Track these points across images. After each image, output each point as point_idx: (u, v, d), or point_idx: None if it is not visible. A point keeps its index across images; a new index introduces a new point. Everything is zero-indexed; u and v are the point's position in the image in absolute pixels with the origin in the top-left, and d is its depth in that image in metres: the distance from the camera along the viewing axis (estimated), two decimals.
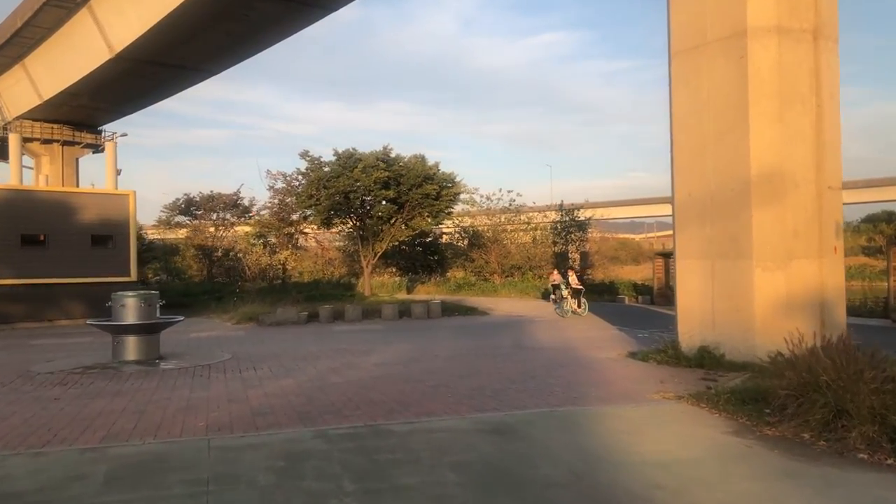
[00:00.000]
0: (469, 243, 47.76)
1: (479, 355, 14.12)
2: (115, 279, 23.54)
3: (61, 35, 34.44)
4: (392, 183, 33.32)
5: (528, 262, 44.69)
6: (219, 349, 15.74)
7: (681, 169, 12.89)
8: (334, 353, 14.67)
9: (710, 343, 12.29)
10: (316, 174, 33.66)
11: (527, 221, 47.47)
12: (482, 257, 45.01)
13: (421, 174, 33.31)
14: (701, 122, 12.42)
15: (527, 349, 15.21)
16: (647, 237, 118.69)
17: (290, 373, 12.10)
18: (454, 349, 15.15)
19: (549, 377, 11.23)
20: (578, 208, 45.23)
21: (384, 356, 14.11)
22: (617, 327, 20.02)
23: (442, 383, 10.72)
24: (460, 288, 41.69)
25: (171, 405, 9.34)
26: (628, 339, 17.07)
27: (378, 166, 32.72)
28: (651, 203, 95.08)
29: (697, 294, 12.61)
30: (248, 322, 22.42)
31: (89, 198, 24.36)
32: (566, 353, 14.40)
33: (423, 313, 23.41)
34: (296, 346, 16.22)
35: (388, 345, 16.21)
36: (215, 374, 12.13)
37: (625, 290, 35.28)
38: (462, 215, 47.78)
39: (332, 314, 22.59)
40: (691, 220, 12.70)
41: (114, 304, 13.48)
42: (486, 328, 20.34)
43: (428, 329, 20.23)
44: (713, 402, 8.64)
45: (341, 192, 32.61)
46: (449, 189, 34.35)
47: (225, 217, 45.82)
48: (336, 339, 17.62)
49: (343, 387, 10.54)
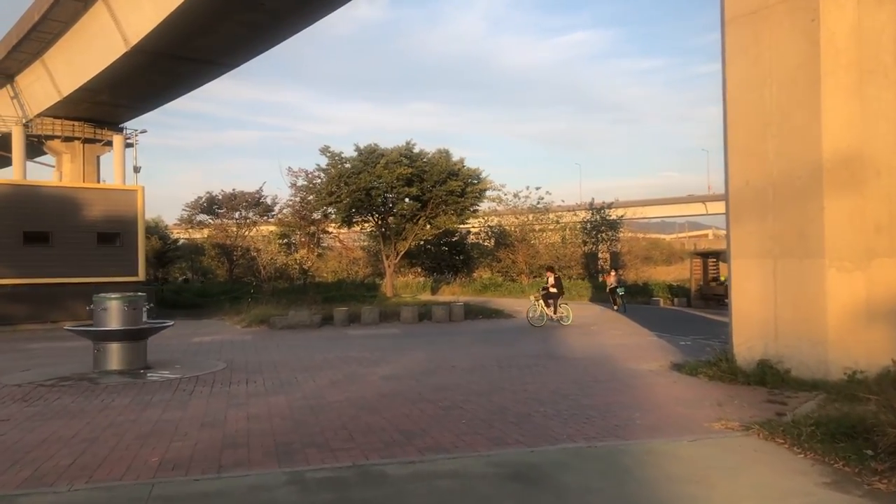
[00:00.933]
0: (496, 243, 45.92)
1: (502, 366, 12.36)
2: (122, 279, 22.20)
3: (78, 29, 33.33)
4: (415, 179, 31.63)
5: (557, 262, 42.71)
6: (216, 357, 14.18)
7: (736, 153, 11.01)
8: (341, 363, 13.01)
9: (771, 356, 10.40)
10: (336, 170, 32.10)
11: (556, 220, 45.48)
12: (509, 257, 43.17)
13: (445, 170, 31.58)
14: (762, 98, 10.54)
15: (557, 359, 13.42)
16: (678, 237, 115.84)
17: (284, 387, 10.46)
18: (475, 359, 13.41)
19: (584, 396, 9.45)
20: (609, 206, 43.15)
21: (395, 367, 12.41)
22: (655, 333, 18.12)
23: (457, 403, 8.99)
24: (486, 289, 39.92)
25: (131, 431, 7.74)
26: (669, 348, 15.19)
27: (401, 162, 31.07)
28: (682, 202, 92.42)
29: (756, 299, 10.72)
30: (260, 325, 20.89)
31: (96, 193, 23.06)
32: (601, 365, 12.58)
33: (445, 316, 21.70)
34: (301, 354, 14.60)
35: (402, 353, 14.51)
36: (200, 388, 10.53)
37: (659, 291, 33.24)
38: (489, 214, 45.97)
39: (347, 317, 20.99)
40: (749, 212, 10.81)
41: (95, 308, 11.98)
42: (511, 333, 18.57)
43: (448, 334, 18.52)
44: (793, 437, 6.80)
45: (363, 189, 31.00)
46: (474, 186, 32.57)
47: (247, 216, 44.64)
48: (347, 346, 15.97)
49: (340, 407, 8.86)
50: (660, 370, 12.03)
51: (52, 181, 29.64)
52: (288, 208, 39.91)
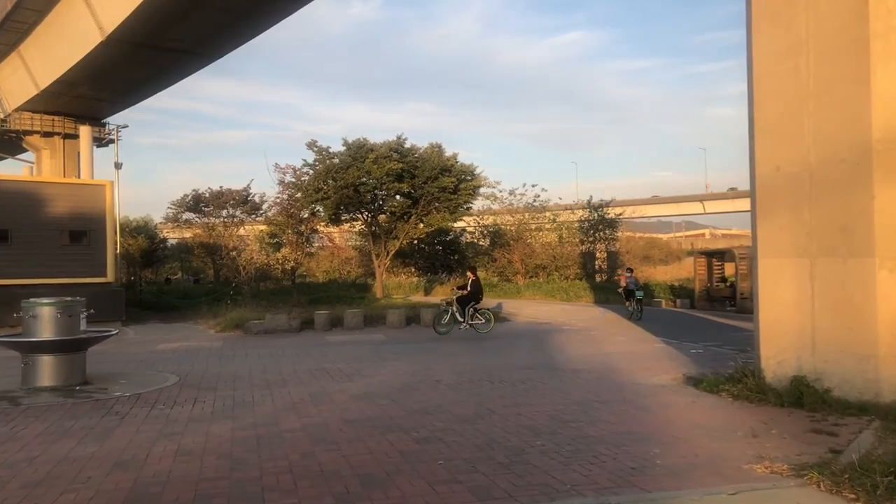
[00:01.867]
0: (491, 242, 44.28)
1: (493, 381, 10.71)
2: (89, 280, 20.50)
3: (53, 18, 31.63)
4: (406, 175, 29.98)
5: (554, 261, 41.11)
6: (174, 368, 12.51)
7: (765, 135, 9.37)
8: (310, 377, 11.35)
9: (808, 372, 8.77)
10: (324, 166, 30.47)
11: (552, 219, 43.83)
12: (505, 257, 41.53)
13: (437, 166, 29.93)
14: (796, 69, 8.90)
15: (555, 371, 11.77)
16: (675, 237, 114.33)
17: (235, 410, 8.80)
18: (463, 371, 11.76)
19: (588, 423, 7.80)
20: (608, 204, 41.44)
21: (371, 382, 10.76)
22: (661, 339, 16.50)
23: (435, 433, 7.35)
24: None
25: (21, 475, 6.08)
26: (679, 357, 13.57)
27: (391, 157, 29.43)
28: (680, 202, 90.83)
29: (789, 304, 9.08)
30: (234, 330, 19.22)
31: (61, 188, 21.33)
32: (606, 379, 10.95)
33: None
34: (269, 365, 12.93)
35: (382, 364, 12.85)
36: (137, 409, 8.87)
37: (661, 292, 31.65)
38: (484, 213, 44.32)
39: (329, 321, 19.32)
40: (781, 203, 9.18)
41: (23, 315, 10.31)
42: (505, 339, 16.93)
43: (436, 340, 16.87)
44: (868, 491, 5.15)
45: (350, 185, 29.37)
46: (468, 182, 30.93)
47: (235, 214, 42.97)
48: (322, 355, 14.30)
49: (294, 440, 7.21)
50: (673, 385, 10.40)
51: (11, 175, 27.86)
52: (276, 206, 38.30)
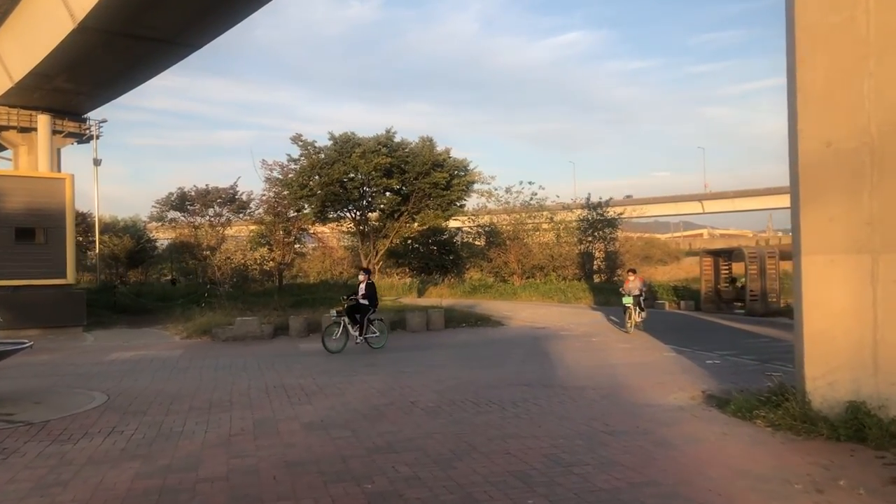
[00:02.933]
0: (487, 241, 42.43)
1: (480, 402, 8.89)
2: (46, 281, 18.71)
3: (25, 7, 29.80)
4: (395, 171, 28.17)
5: (552, 262, 39.32)
6: (109, 385, 10.66)
7: (811, 102, 7.53)
8: (263, 397, 9.52)
9: (868, 397, 6.98)
10: (309, 161, 28.65)
11: (550, 217, 42.00)
12: (500, 257, 39.71)
13: (428, 161, 28.11)
14: (852, 20, 7.09)
15: (553, 389, 9.95)
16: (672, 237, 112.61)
17: (153, 445, 6.97)
18: (445, 388, 9.93)
19: (598, 468, 5.98)
20: (607, 203, 39.53)
21: (333, 404, 8.93)
22: (671, 347, 14.68)
23: (396, 486, 5.52)
24: (475, 290, 36.45)
25: None
26: (695, 369, 11.76)
27: (379, 151, 27.61)
28: (679, 201, 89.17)
29: (844, 313, 7.27)
30: (201, 336, 17.39)
31: (14, 182, 19.48)
32: (614, 399, 9.14)
33: (422, 324, 18.22)
34: (222, 380, 11.10)
35: (353, 378, 11.02)
36: (32, 445, 7.04)
37: (664, 293, 29.80)
38: (479, 212, 42.50)
39: (305, 326, 17.49)
40: (832, 187, 7.35)
41: None
42: (497, 348, 15.10)
43: (420, 349, 15.04)
44: None
45: (337, 181, 27.55)
46: (461, 177, 29.10)
47: (222, 213, 41.10)
48: (288, 367, 12.46)
49: (207, 495, 5.39)
50: (694, 407, 8.60)
51: None
52: (264, 205, 36.43)
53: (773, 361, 12.41)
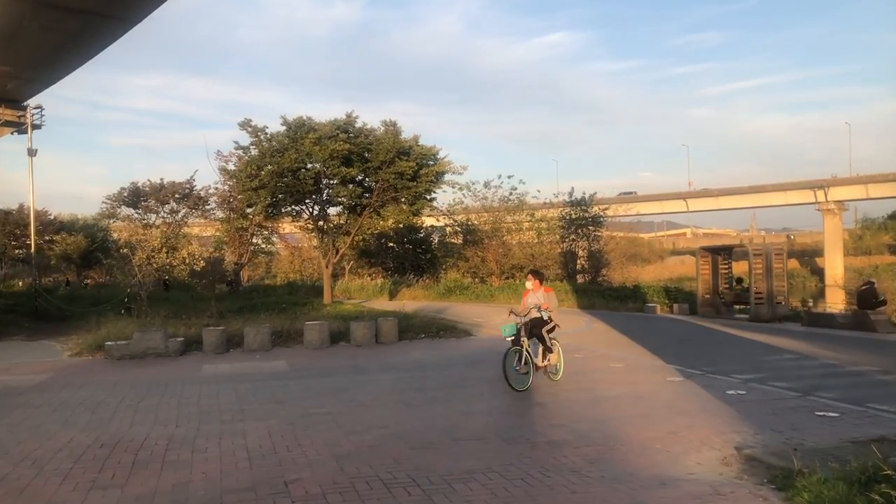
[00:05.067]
0: (464, 240, 38.97)
1: (397, 478, 5.47)
2: None
3: None
4: (356, 159, 24.69)
5: (532, 261, 35.89)
6: None
7: None
8: (55, 474, 6.00)
9: None
10: (259, 149, 25.14)
11: (531, 214, 38.57)
12: (478, 255, 36.28)
13: (393, 148, 24.64)
14: None
15: (517, 448, 6.52)
16: (656, 236, 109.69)
17: None
18: (354, 452, 6.46)
19: None
20: (592, 198, 36.00)
21: (159, 486, 5.44)
22: (675, 367, 11.31)
23: None
24: (450, 292, 33.01)
25: None
26: (714, 404, 8.43)
27: (337, 137, 24.12)
28: (663, 199, 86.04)
29: None
30: (94, 352, 13.78)
31: None
32: (608, 467, 5.75)
33: (369, 337, 14.70)
34: (47, 428, 7.57)
35: (231, 426, 7.51)
36: None
37: (654, 295, 26.51)
38: (455, 208, 39.00)
39: (223, 340, 13.92)
40: None
41: None
42: (455, 371, 11.63)
43: (356, 371, 11.54)
44: None
45: (288, 171, 24.04)
46: (430, 167, 25.66)
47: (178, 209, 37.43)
48: (159, 405, 8.88)
49: None
50: (735, 485, 5.26)
51: None
52: (217, 199, 32.86)
53: (818, 392, 9.06)
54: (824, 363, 11.63)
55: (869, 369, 10.95)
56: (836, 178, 72.60)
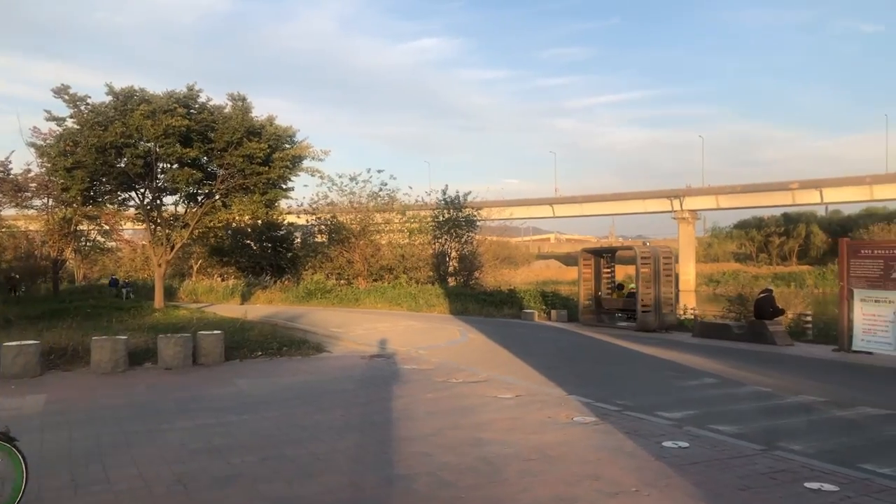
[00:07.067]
0: (329, 238, 35.31)
1: None
2: None
3: None
4: (197, 138, 20.60)
5: (402, 262, 32.93)
6: None
7: None
8: None
9: None
10: (79, 120, 20.45)
11: (402, 213, 35.52)
12: (344, 255, 32.79)
13: (241, 127, 20.75)
14: None
15: None
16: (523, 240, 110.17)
17: None
18: None
19: None
20: (464, 202, 33.12)
21: None
22: (580, 400, 8.50)
23: None
24: (311, 295, 29.36)
25: None
26: (650, 462, 5.72)
27: (174, 111, 19.94)
28: (530, 205, 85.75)
29: None
30: None
31: None
32: None
33: (182, 357, 10.95)
34: None
35: None
36: None
37: (531, 300, 24.20)
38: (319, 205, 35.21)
39: None
40: None
41: None
42: (287, 412, 8.19)
43: (138, 416, 7.83)
44: None
45: (112, 147, 19.60)
46: (285, 150, 21.95)
47: None
48: None
49: None
50: None
51: None
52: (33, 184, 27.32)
53: (781, 442, 6.54)
54: (758, 392, 9.27)
55: (814, 400, 8.65)
56: (690, 189, 74.83)
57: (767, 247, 76.56)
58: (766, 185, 71.46)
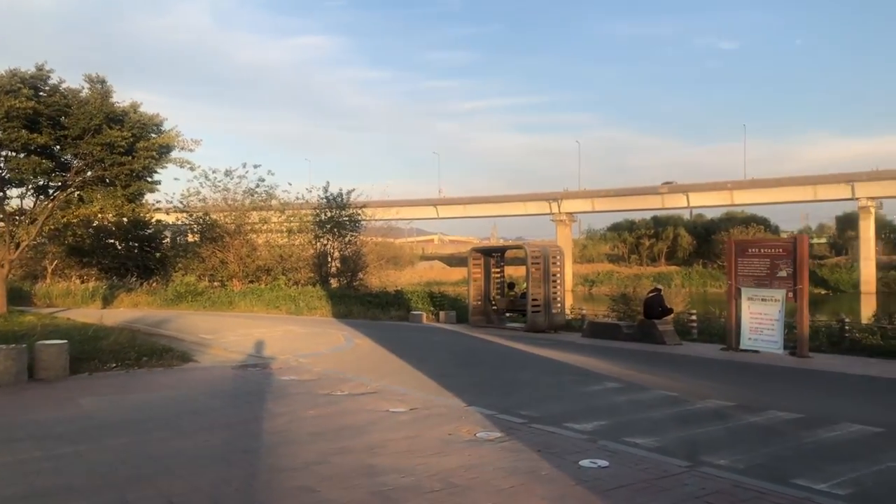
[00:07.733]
0: (201, 237, 32.90)
1: None
2: None
3: None
4: (46, 123, 18.21)
5: (281, 263, 31.16)
6: None
7: None
8: None
9: None
10: None
11: (280, 211, 33.65)
12: (217, 255, 30.59)
13: (100, 113, 18.55)
14: None
15: None
16: (407, 241, 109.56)
17: None
18: None
19: None
20: (347, 201, 31.55)
21: None
22: (479, 411, 7.68)
23: None
24: (181, 298, 27.11)
25: None
26: (570, 489, 4.85)
27: (18, 92, 17.51)
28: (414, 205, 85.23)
29: None
30: None
31: None
32: None
33: (15, 372, 9.09)
34: None
35: None
36: None
37: (418, 302, 23.37)
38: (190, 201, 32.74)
39: None
40: None
41: None
42: (140, 439, 6.82)
43: None
44: None
45: None
46: (151, 140, 19.89)
47: None
48: None
49: None
50: None
51: None
52: None
53: (704, 455, 5.98)
54: (664, 397, 8.81)
55: (723, 405, 8.25)
56: (567, 192, 76.98)
57: (638, 248, 79.83)
58: (638, 188, 74.78)
